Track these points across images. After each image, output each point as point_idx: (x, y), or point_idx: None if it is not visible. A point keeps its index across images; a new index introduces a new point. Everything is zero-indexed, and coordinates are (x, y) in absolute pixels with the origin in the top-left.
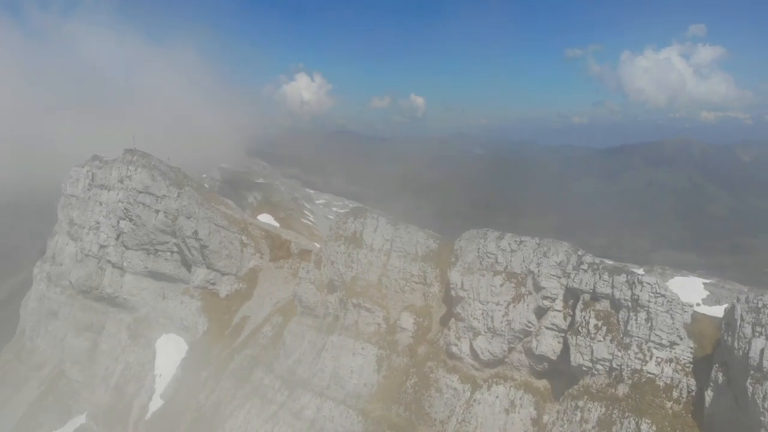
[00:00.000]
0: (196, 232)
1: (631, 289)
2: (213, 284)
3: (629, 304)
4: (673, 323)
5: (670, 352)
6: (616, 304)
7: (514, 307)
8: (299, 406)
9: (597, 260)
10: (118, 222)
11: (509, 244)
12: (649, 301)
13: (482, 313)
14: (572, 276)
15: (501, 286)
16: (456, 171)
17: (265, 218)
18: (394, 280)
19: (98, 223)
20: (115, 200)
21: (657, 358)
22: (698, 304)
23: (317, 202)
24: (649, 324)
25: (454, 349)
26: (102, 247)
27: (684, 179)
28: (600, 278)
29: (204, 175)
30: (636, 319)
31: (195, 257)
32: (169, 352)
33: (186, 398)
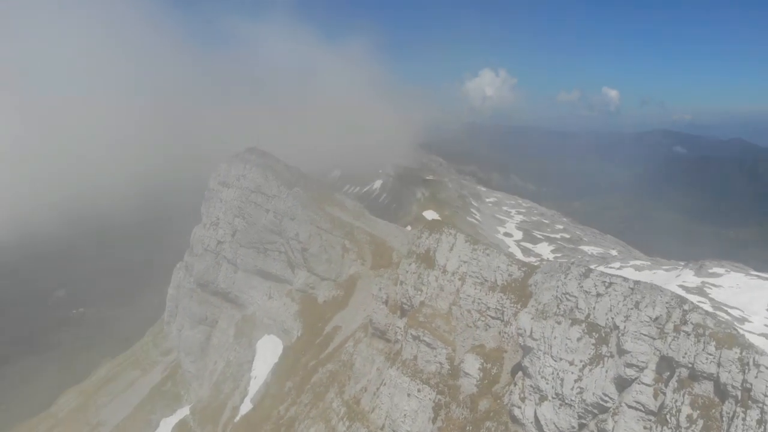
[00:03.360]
0: (297, 234)
1: (743, 372)
2: (312, 288)
3: (738, 393)
4: None
5: None
6: (721, 390)
7: (590, 371)
8: None
9: (709, 320)
10: (234, 219)
11: (595, 285)
12: (766, 396)
13: (552, 373)
14: (670, 340)
15: (578, 340)
16: (652, 171)
17: (430, 215)
18: (467, 311)
19: (218, 219)
20: (232, 198)
21: None
22: None
23: (487, 200)
24: (763, 430)
25: (516, 412)
26: (219, 242)
27: None
28: (704, 349)
29: (380, 171)
30: (744, 419)
31: (297, 259)
32: (267, 355)
33: (270, 407)
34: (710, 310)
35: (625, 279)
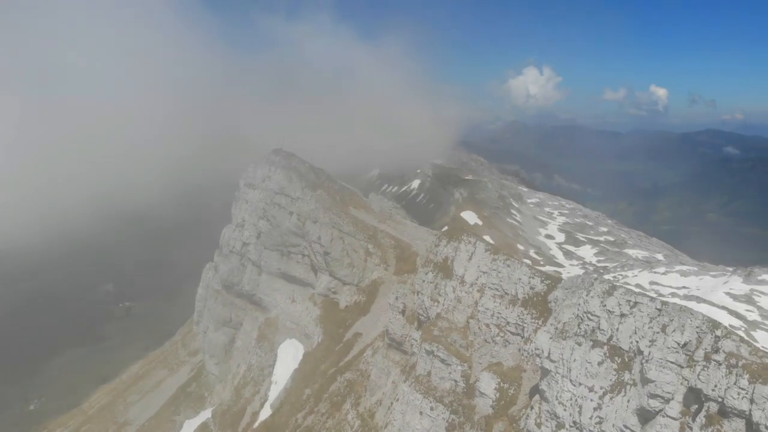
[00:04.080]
0: (319, 238)
1: None
2: (334, 293)
3: None
4: None
5: None
6: (753, 431)
7: (611, 399)
8: None
9: (743, 349)
10: (258, 221)
11: (619, 304)
12: None
13: (570, 399)
14: (699, 369)
15: (599, 364)
16: (701, 172)
17: (468, 216)
18: (485, 325)
19: (244, 220)
20: (257, 199)
21: None
22: None
23: (528, 201)
24: None
25: None
26: (245, 244)
27: None
28: (736, 382)
29: (418, 170)
30: None
31: (319, 263)
32: (288, 360)
33: (288, 414)
34: (758, 319)
35: (652, 299)
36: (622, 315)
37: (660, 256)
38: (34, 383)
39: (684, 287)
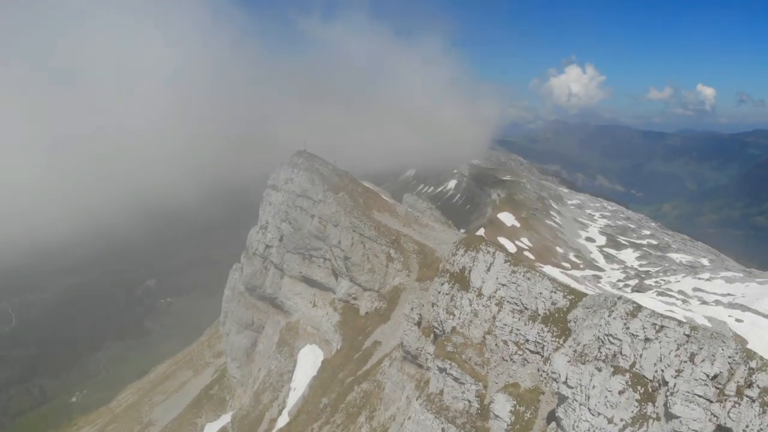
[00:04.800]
0: (340, 242)
1: None
2: (355, 299)
3: None
4: None
5: None
6: None
7: None
8: None
9: None
10: (281, 223)
11: (643, 327)
12: None
13: (588, 430)
14: (729, 406)
15: (620, 393)
16: (750, 174)
17: (505, 217)
18: (502, 342)
19: (267, 222)
20: (280, 201)
21: None
22: None
23: (569, 202)
24: None
25: None
26: (267, 246)
27: None
28: None
29: (454, 171)
30: None
31: (340, 268)
32: (308, 366)
33: (304, 423)
34: None
35: (680, 323)
36: (647, 339)
37: (705, 261)
38: (77, 376)
39: (729, 294)
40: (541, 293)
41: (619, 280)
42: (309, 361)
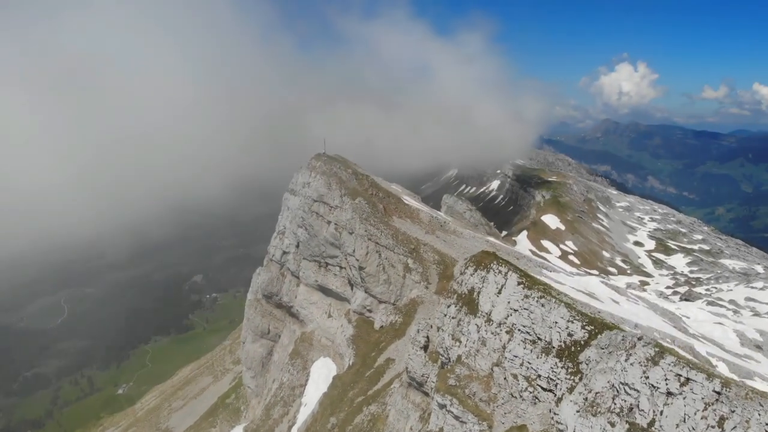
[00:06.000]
0: (354, 251)
1: None
2: (370, 311)
3: None
4: None
5: None
6: None
7: None
8: None
9: None
10: (297, 229)
11: (666, 378)
12: None
13: None
14: None
15: None
16: None
17: (549, 220)
18: (512, 376)
19: (285, 228)
20: (297, 206)
21: None
22: None
23: (617, 204)
24: None
25: None
26: (284, 253)
27: None
28: None
29: (498, 171)
30: None
31: (355, 277)
32: (320, 381)
33: None
34: None
35: (710, 377)
36: (669, 394)
37: (759, 269)
38: (123, 368)
39: None
40: (556, 322)
41: (668, 287)
42: (322, 375)
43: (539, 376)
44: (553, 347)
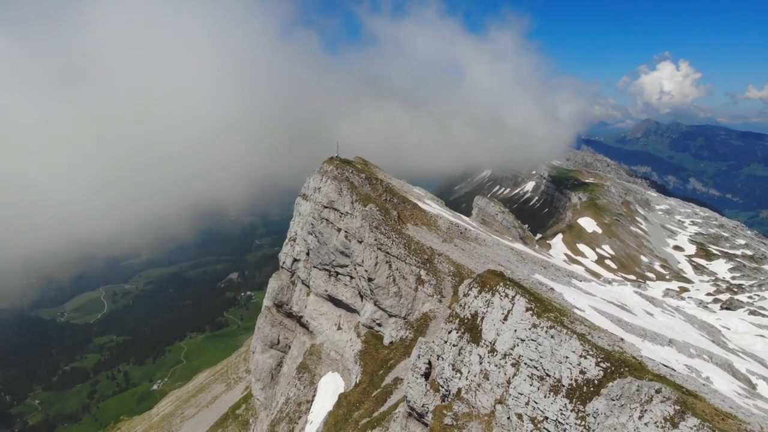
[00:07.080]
0: (363, 261)
1: None
2: (379, 325)
3: None
4: None
5: None
6: None
7: None
8: None
9: None
10: (307, 236)
11: None
12: None
13: None
14: None
15: None
16: None
17: (585, 222)
18: (516, 416)
19: (296, 234)
20: (307, 212)
21: None
22: None
23: (657, 207)
24: None
25: None
26: (295, 260)
27: None
28: None
29: (533, 172)
30: None
31: (364, 289)
32: (327, 398)
33: None
34: None
35: None
36: None
37: None
38: (159, 363)
39: None
40: (567, 357)
41: (708, 294)
42: (329, 392)
43: (546, 418)
44: (563, 386)
